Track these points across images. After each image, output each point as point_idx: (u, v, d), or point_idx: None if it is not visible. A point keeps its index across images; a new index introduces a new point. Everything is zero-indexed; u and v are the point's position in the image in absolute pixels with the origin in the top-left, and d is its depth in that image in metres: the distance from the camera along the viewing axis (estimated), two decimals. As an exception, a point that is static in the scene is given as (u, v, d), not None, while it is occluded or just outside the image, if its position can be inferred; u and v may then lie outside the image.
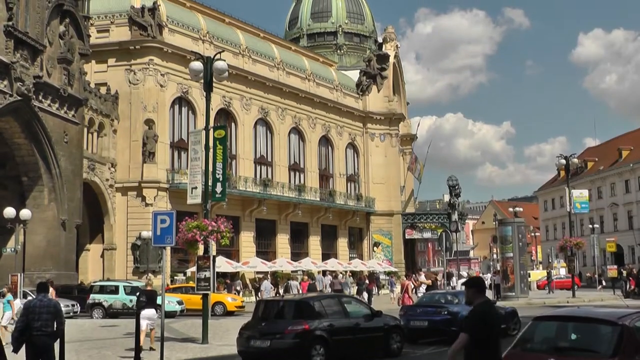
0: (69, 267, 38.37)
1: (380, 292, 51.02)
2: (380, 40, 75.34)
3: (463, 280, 33.39)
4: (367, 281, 44.87)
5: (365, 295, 40.14)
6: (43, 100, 36.42)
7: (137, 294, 20.11)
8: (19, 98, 33.95)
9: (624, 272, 50.38)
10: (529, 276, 49.14)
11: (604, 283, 54.43)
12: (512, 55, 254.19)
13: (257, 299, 37.36)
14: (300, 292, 39.93)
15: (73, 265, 39.95)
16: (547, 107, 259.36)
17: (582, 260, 79.57)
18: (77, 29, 39.70)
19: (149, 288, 20.20)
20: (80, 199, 40.38)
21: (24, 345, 11.68)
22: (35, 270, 35.64)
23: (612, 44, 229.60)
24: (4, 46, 33.12)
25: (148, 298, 19.08)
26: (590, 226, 69.64)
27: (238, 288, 45.18)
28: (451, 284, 32.37)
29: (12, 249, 32.59)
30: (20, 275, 28.71)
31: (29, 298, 11.54)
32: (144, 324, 18.18)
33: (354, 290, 44.13)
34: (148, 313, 18.65)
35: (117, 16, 48.99)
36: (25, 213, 32.24)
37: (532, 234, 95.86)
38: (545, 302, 37.17)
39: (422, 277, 38.36)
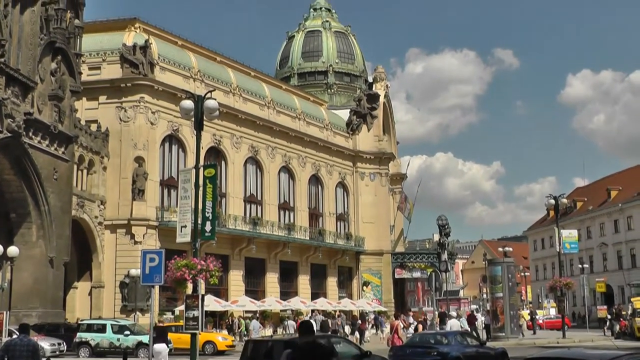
0: (56, 305, 38.02)
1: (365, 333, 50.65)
2: (370, 79, 75.86)
3: (453, 320, 33.22)
4: (359, 321, 44.69)
5: (357, 335, 39.99)
6: (33, 137, 36.38)
7: (153, 329, 20.94)
8: (9, 134, 33.91)
9: (614, 313, 50.32)
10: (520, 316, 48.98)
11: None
12: (502, 96, 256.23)
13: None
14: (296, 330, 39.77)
15: (60, 303, 39.61)
16: (536, 147, 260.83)
17: (572, 300, 79.44)
18: (68, 66, 39.80)
19: (159, 324, 20.59)
20: (69, 236, 40.16)
21: None
22: (22, 308, 35.30)
23: (600, 85, 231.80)
24: (-5, 83, 33.16)
25: (158, 333, 20.43)
26: (580, 266, 69.67)
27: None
28: (448, 325, 32.18)
29: (-1, 286, 32.31)
30: (6, 313, 28.43)
31: (21, 336, 12.30)
32: (159, 358, 19.30)
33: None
34: (159, 347, 19.73)
35: (108, 54, 49.14)
36: (12, 250, 32.02)
37: (522, 274, 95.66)
38: (536, 343, 37.05)
39: (411, 318, 38.23)
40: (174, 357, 31.42)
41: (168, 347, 33.12)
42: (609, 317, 50.38)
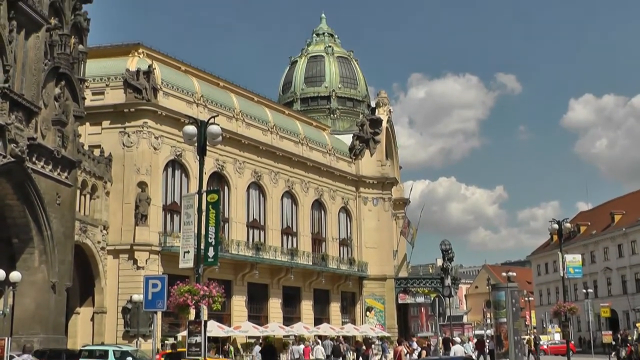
0: (58, 330, 37.81)
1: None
2: (373, 104, 76.03)
3: (457, 345, 33.01)
4: (364, 347, 44.54)
5: None
6: (37, 161, 36.38)
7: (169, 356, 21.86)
8: (13, 159, 33.90)
9: (620, 338, 50.02)
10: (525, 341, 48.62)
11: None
12: (504, 120, 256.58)
13: None
14: (302, 356, 39.72)
15: (62, 328, 39.39)
16: (539, 172, 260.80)
17: (577, 325, 79.09)
18: (72, 92, 39.88)
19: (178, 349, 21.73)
20: (71, 262, 40.04)
21: None
22: (24, 334, 35.08)
23: (602, 109, 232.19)
24: (0, 108, 33.24)
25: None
26: (584, 291, 69.35)
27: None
28: (452, 351, 31.99)
29: (1, 312, 32.16)
30: (8, 339, 28.25)
31: (23, 357, 13.27)
32: None
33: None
34: None
35: (112, 79, 49.31)
36: (15, 275, 31.91)
37: (526, 299, 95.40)
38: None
39: (414, 343, 37.95)
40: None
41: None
42: (613, 343, 50.05)
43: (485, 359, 38.05)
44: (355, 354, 43.88)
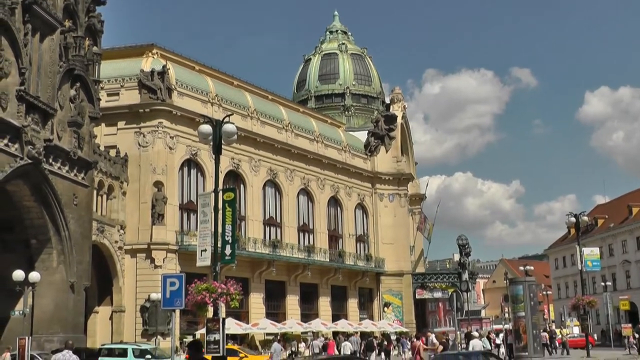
0: (77, 330, 38.05)
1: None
2: (387, 101, 75.94)
3: (475, 340, 32.93)
4: (385, 342, 44.69)
5: (383, 356, 40.12)
6: (53, 163, 36.60)
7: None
8: (30, 161, 34.13)
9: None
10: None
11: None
12: (520, 115, 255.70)
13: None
14: (322, 351, 39.89)
15: (81, 328, 39.64)
16: (555, 166, 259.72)
17: (596, 319, 78.67)
18: (87, 93, 40.09)
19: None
20: (89, 262, 40.27)
21: None
22: (43, 334, 35.36)
23: (618, 102, 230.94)
24: (16, 110, 33.44)
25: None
26: (603, 284, 69.01)
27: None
28: (471, 345, 31.93)
29: (21, 312, 32.40)
30: (28, 339, 28.51)
31: (63, 352, 15.25)
32: None
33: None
34: None
35: (127, 80, 49.52)
36: (34, 276, 32.12)
37: (544, 293, 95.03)
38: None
39: (433, 338, 37.85)
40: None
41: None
42: (636, 335, 49.74)
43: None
44: (377, 349, 44.18)
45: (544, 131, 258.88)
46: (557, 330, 59.57)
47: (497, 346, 44.85)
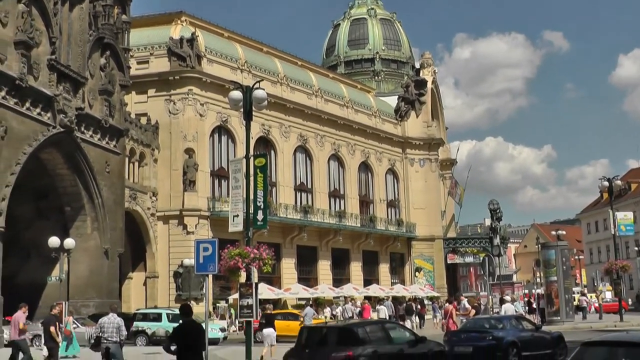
0: (112, 295, 38.61)
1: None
2: (417, 66, 75.31)
3: (507, 304, 32.93)
4: (419, 306, 44.91)
5: (417, 320, 40.34)
6: (85, 131, 36.93)
7: (263, 316, 25.23)
8: (62, 130, 34.46)
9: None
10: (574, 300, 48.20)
11: None
12: (552, 79, 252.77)
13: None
14: (355, 316, 40.10)
15: (116, 293, 40.22)
16: (588, 130, 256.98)
17: (629, 283, 78.14)
18: (117, 61, 40.28)
19: (267, 312, 27.00)
20: (123, 228, 40.73)
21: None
22: (79, 299, 35.97)
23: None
24: (48, 79, 33.72)
25: (267, 320, 24.14)
26: (636, 248, 68.55)
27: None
28: (503, 309, 31.97)
29: (57, 278, 32.90)
30: (65, 304, 28.98)
31: (108, 315, 16.92)
32: (272, 339, 22.51)
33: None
34: (267, 332, 23.02)
35: (156, 48, 49.60)
36: (69, 242, 32.54)
37: (576, 257, 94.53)
38: (592, 327, 36.42)
39: (465, 302, 37.82)
40: (228, 345, 31.76)
41: (222, 334, 33.75)
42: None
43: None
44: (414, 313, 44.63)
45: (576, 95, 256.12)
46: (590, 295, 59.22)
47: (533, 310, 44.80)
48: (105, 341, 16.38)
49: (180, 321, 12.37)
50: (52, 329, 20.92)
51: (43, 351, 23.09)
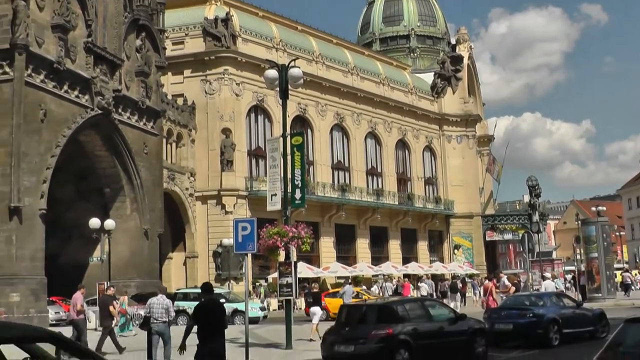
0: (152, 275, 38.99)
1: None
2: (453, 41, 74.62)
3: (547, 281, 32.67)
4: (460, 284, 44.80)
5: (458, 297, 40.26)
6: (122, 113, 37.16)
7: (305, 293, 26.63)
8: (100, 112, 34.71)
9: None
10: (615, 276, 47.70)
11: None
12: (590, 52, 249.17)
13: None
14: (398, 293, 40.08)
15: (156, 273, 40.58)
16: (627, 104, 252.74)
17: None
18: (152, 43, 40.40)
19: (314, 290, 27.21)
20: (162, 209, 41.01)
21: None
22: (120, 279, 36.33)
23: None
24: (85, 62, 33.94)
25: (314, 298, 24.26)
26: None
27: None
28: (543, 286, 31.72)
29: (98, 259, 33.28)
30: (107, 284, 29.33)
31: (157, 296, 17.00)
32: (316, 318, 22.51)
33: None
34: (315, 310, 23.06)
35: (191, 28, 49.69)
36: (109, 223, 32.88)
37: (617, 234, 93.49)
38: (634, 304, 35.98)
39: (505, 280, 37.56)
40: (268, 324, 31.89)
41: (262, 313, 33.93)
42: None
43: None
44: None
45: (615, 69, 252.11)
46: (634, 272, 58.58)
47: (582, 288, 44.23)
48: (155, 321, 16.69)
49: (202, 299, 12.42)
50: (111, 308, 21.88)
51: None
